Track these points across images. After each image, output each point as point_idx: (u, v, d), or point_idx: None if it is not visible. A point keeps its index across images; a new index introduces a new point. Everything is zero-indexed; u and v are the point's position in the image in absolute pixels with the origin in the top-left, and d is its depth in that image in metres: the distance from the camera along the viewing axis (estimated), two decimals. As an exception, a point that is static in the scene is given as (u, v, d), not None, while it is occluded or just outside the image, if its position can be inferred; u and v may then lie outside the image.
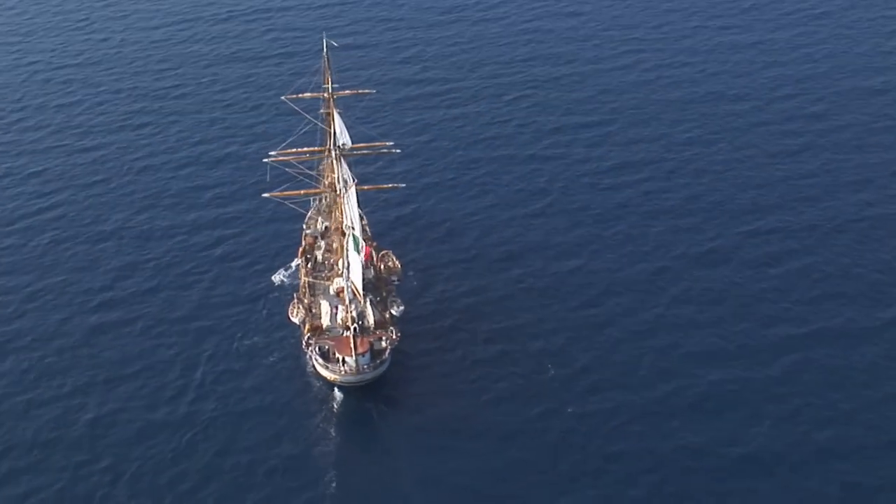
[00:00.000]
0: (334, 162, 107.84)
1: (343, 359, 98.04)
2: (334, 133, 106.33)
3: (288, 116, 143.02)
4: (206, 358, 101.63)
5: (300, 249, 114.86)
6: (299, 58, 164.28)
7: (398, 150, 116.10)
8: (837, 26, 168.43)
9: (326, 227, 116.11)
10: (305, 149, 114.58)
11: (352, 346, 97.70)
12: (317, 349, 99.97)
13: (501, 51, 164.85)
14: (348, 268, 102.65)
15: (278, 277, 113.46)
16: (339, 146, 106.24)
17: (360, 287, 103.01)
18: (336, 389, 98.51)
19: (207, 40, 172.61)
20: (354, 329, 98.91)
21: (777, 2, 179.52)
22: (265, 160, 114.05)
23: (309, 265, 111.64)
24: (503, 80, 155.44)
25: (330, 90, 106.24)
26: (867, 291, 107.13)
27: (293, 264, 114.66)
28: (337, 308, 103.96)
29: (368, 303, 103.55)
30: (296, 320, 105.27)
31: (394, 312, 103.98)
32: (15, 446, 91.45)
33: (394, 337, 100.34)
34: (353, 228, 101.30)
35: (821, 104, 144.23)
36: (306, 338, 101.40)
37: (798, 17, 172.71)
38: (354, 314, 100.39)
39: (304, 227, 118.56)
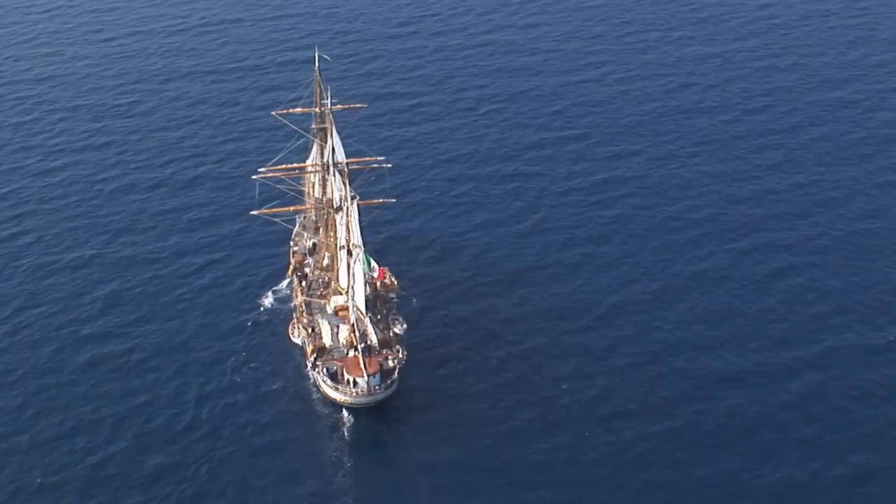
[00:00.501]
0: (331, 178, 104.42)
1: (354, 380, 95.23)
2: (333, 149, 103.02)
3: (258, 133, 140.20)
4: (207, 391, 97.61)
5: (290, 268, 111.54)
6: (261, 71, 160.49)
7: (389, 165, 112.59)
8: (798, 36, 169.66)
9: (314, 244, 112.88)
10: (296, 164, 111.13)
11: (362, 366, 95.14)
12: (324, 371, 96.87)
13: (465, 63, 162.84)
14: (353, 286, 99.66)
15: (268, 301, 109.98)
16: (340, 161, 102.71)
17: (363, 306, 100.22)
18: (345, 412, 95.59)
19: (162, 53, 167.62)
20: (363, 349, 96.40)
21: (732, 12, 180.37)
22: (254, 177, 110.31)
23: (303, 283, 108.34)
24: (472, 93, 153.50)
25: (329, 105, 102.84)
26: (872, 304, 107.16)
27: (283, 285, 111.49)
28: (338, 327, 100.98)
29: (368, 321, 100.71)
30: (297, 340, 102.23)
31: (397, 331, 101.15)
32: (22, 489, 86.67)
33: (401, 356, 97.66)
34: (361, 246, 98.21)
35: (794, 116, 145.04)
36: (311, 359, 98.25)
37: (756, 28, 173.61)
38: (359, 334, 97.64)
39: (292, 244, 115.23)
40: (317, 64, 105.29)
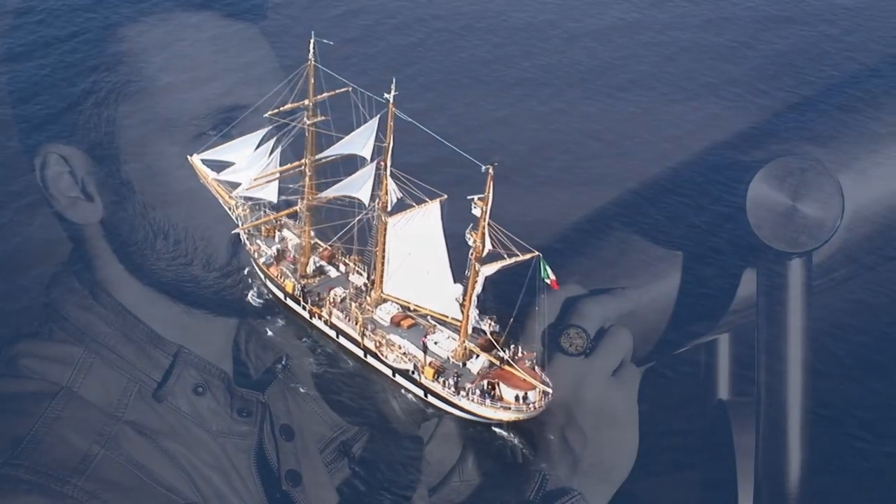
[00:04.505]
0: (388, 178, 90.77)
1: (525, 394, 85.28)
2: (390, 146, 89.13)
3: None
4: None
5: (290, 286, 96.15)
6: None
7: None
8: None
9: (279, 250, 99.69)
10: (284, 166, 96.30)
11: (527, 377, 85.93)
12: (476, 392, 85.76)
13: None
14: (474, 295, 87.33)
15: (305, 360, 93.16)
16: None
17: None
18: (496, 430, 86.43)
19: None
20: (509, 359, 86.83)
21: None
22: (235, 193, 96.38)
23: (322, 299, 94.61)
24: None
25: (392, 98, 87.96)
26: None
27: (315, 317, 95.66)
28: (426, 339, 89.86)
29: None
30: (405, 366, 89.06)
31: (493, 328, 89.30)
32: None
33: (533, 354, 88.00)
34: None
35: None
36: (450, 382, 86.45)
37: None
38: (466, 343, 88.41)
39: (255, 255, 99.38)
40: (312, 51, 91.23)
